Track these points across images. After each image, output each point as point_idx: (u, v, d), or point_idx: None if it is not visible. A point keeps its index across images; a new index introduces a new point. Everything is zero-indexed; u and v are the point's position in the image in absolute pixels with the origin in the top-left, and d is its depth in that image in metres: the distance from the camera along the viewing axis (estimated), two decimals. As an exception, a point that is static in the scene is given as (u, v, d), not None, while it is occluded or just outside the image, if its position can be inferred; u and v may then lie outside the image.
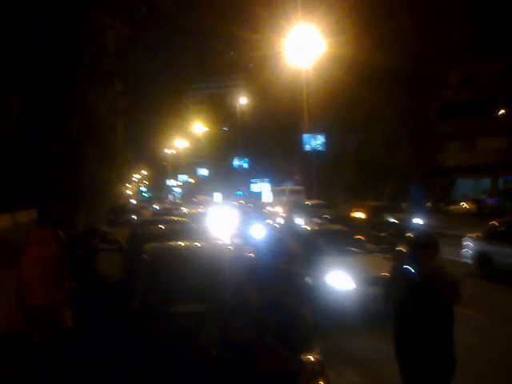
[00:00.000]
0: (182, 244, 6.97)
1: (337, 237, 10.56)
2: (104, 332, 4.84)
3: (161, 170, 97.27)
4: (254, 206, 34.50)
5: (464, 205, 34.93)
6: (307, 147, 28.95)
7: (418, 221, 21.17)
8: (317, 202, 27.61)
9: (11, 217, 33.21)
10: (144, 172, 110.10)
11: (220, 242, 9.49)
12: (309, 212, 23.23)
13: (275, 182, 51.40)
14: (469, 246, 13.01)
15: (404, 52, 29.91)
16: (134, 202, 63.95)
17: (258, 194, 52.59)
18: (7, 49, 13.96)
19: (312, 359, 4.00)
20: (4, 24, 13.58)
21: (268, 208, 32.87)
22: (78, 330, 5.94)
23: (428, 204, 30.19)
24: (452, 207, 35.15)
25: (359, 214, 22.27)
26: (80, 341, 5.70)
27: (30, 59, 14.03)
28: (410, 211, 24.63)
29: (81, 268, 6.81)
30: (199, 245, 7.04)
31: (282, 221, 21.42)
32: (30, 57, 14.01)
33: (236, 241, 17.39)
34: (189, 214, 23.02)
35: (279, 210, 30.01)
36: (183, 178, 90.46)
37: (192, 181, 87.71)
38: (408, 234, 10.42)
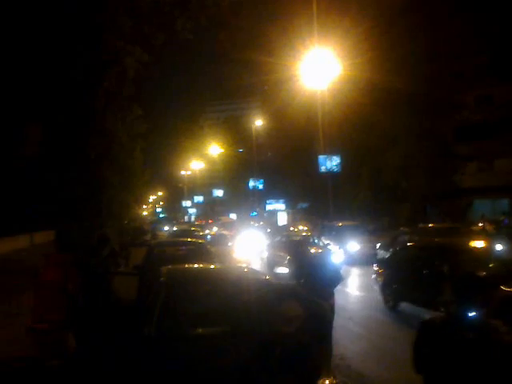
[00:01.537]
0: (200, 266, 7.05)
1: None
2: (117, 356, 4.83)
3: (177, 191, 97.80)
4: (272, 227, 34.38)
5: (482, 226, 34.38)
6: (322, 168, 29.01)
7: (499, 246, 16.75)
8: (350, 223, 25.39)
9: (29, 238, 33.68)
10: (160, 193, 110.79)
11: (237, 265, 9.52)
12: (340, 235, 21.00)
13: (290, 203, 51.40)
14: None
15: (419, 74, 29.97)
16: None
17: (267, 214, 52.56)
18: (28, 76, 14.34)
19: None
20: (24, 52, 13.96)
21: (291, 229, 32.58)
22: (89, 355, 5.93)
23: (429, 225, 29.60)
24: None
25: (478, 243, 14.62)
26: (92, 365, 5.70)
27: (50, 86, 14.36)
28: (492, 234, 20.39)
29: (94, 290, 6.85)
30: (216, 267, 7.09)
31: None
32: (50, 83, 14.34)
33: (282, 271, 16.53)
34: (208, 235, 23.17)
35: (300, 229, 29.59)
36: (199, 199, 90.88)
37: (207, 202, 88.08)
38: (491, 265, 9.13)
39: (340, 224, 24.34)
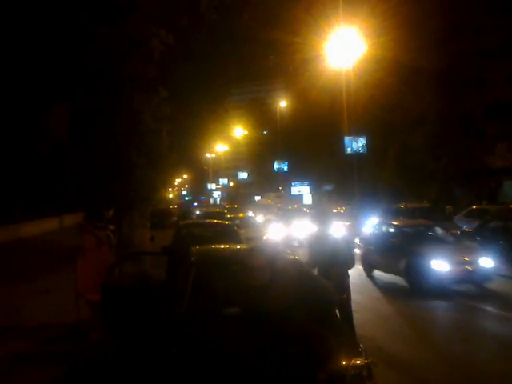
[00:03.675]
0: (228, 247, 7.11)
1: None
2: (150, 335, 4.91)
3: (202, 174, 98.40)
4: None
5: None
6: (348, 150, 28.69)
7: None
8: (417, 204, 21.90)
9: (59, 220, 34.69)
10: (185, 176, 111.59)
11: (266, 244, 9.57)
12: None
13: (315, 186, 51.20)
14: None
15: (447, 52, 29.31)
16: None
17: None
18: (54, 58, 14.48)
19: (360, 363, 3.98)
20: (50, 34, 14.09)
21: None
22: (124, 332, 6.07)
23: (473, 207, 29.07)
24: (499, 210, 33.89)
25: None
26: (126, 342, 5.83)
27: (77, 68, 14.49)
28: None
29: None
30: (243, 247, 7.13)
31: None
32: (76, 66, 14.46)
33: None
34: (237, 218, 22.78)
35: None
36: (223, 181, 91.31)
37: (232, 184, 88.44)
38: None
39: (403, 206, 20.96)
